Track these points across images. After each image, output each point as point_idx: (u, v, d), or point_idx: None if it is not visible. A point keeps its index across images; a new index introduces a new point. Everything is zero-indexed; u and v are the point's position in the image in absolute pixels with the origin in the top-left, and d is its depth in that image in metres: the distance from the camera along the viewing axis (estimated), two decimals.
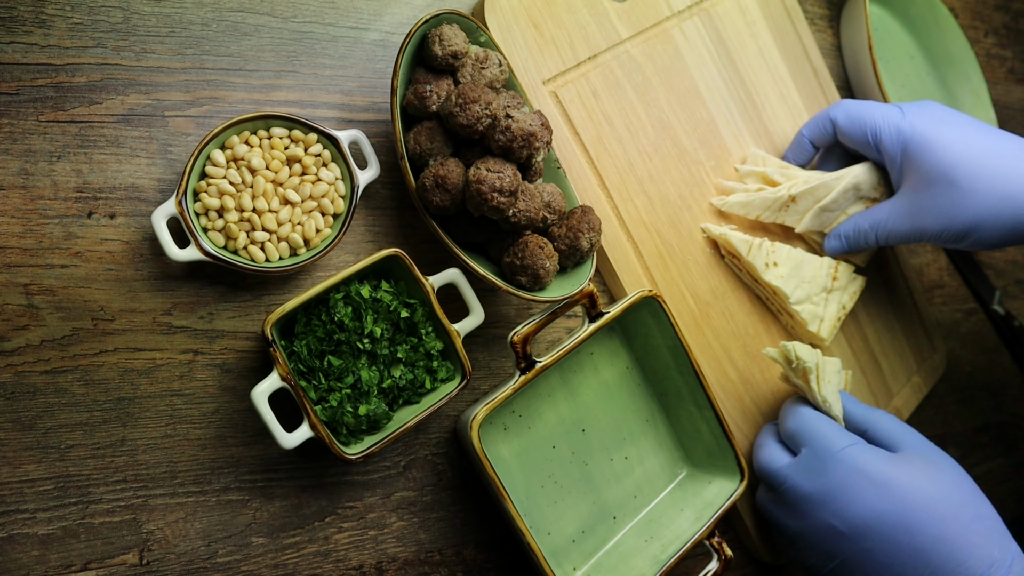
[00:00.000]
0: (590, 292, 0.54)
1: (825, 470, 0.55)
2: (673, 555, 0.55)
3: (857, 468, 0.54)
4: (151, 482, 0.48)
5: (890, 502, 0.52)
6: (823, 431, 0.57)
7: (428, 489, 0.55)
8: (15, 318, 0.46)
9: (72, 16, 0.48)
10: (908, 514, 0.52)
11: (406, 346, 0.51)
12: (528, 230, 0.53)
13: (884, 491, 0.53)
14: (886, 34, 0.85)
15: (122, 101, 0.49)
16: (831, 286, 0.67)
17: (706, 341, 0.64)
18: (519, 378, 0.52)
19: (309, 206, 0.51)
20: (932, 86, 0.87)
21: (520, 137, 0.50)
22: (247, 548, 0.50)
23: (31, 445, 0.46)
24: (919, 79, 0.86)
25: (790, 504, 0.57)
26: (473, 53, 0.53)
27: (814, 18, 0.79)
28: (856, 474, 0.54)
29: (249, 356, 0.51)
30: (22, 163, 0.46)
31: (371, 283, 0.51)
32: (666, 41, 0.66)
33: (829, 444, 0.56)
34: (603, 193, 0.61)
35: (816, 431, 0.57)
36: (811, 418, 0.58)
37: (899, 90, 0.84)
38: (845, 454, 0.55)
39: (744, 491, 0.60)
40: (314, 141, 0.51)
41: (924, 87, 0.86)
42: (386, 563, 0.53)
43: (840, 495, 0.54)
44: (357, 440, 0.50)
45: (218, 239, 0.49)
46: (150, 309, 0.49)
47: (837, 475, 0.54)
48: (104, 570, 0.46)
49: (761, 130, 0.71)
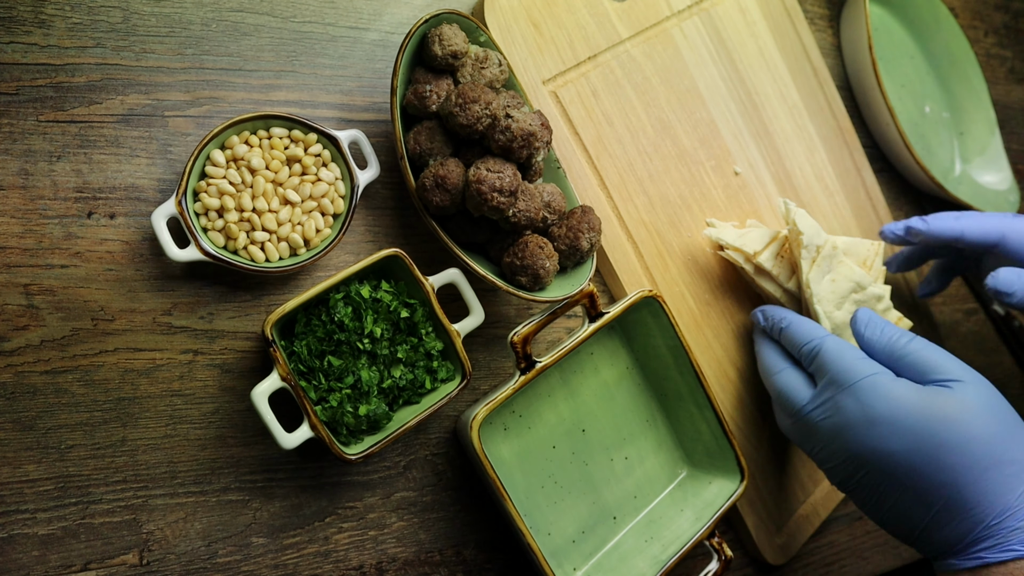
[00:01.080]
0: (590, 292, 0.54)
1: (841, 407, 0.53)
2: (673, 555, 0.55)
3: (870, 404, 0.52)
4: (151, 482, 0.48)
5: (895, 443, 0.51)
6: (843, 361, 0.55)
7: (428, 489, 0.55)
8: (15, 318, 0.46)
9: (72, 16, 0.48)
10: (913, 458, 0.50)
11: (406, 346, 0.51)
12: (528, 230, 0.53)
13: (892, 430, 0.51)
14: (886, 34, 0.85)
15: (122, 101, 0.49)
16: None
17: (706, 341, 0.64)
18: (519, 378, 0.52)
19: (309, 206, 0.51)
20: (932, 86, 0.87)
21: (520, 137, 0.50)
22: (247, 548, 0.50)
23: (31, 445, 0.46)
24: (919, 79, 0.86)
25: (808, 434, 0.56)
26: (473, 53, 0.53)
27: (814, 18, 0.79)
28: (864, 412, 0.52)
29: (249, 356, 0.51)
30: (22, 163, 0.46)
31: (371, 283, 0.51)
32: (666, 41, 0.66)
33: (847, 376, 0.54)
34: (603, 193, 0.61)
35: (836, 361, 0.55)
36: (832, 344, 0.56)
37: (899, 90, 0.84)
38: (861, 387, 0.53)
39: (744, 491, 0.60)
40: (314, 141, 0.51)
41: (924, 87, 0.86)
42: (386, 563, 0.53)
43: (849, 432, 0.53)
44: (357, 440, 0.50)
45: (218, 239, 0.49)
46: (150, 309, 0.49)
47: (851, 411, 0.53)
48: (104, 570, 0.46)
49: (761, 130, 0.71)
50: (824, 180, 0.75)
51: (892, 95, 0.82)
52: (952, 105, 0.88)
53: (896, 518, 0.53)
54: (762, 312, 0.63)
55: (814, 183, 0.74)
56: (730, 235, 0.63)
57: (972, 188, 0.85)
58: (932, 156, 0.84)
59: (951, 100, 0.88)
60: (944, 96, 0.88)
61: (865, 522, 0.74)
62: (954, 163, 0.87)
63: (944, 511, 0.50)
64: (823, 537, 0.71)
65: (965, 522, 0.50)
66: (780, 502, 0.67)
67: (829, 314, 0.62)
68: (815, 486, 0.70)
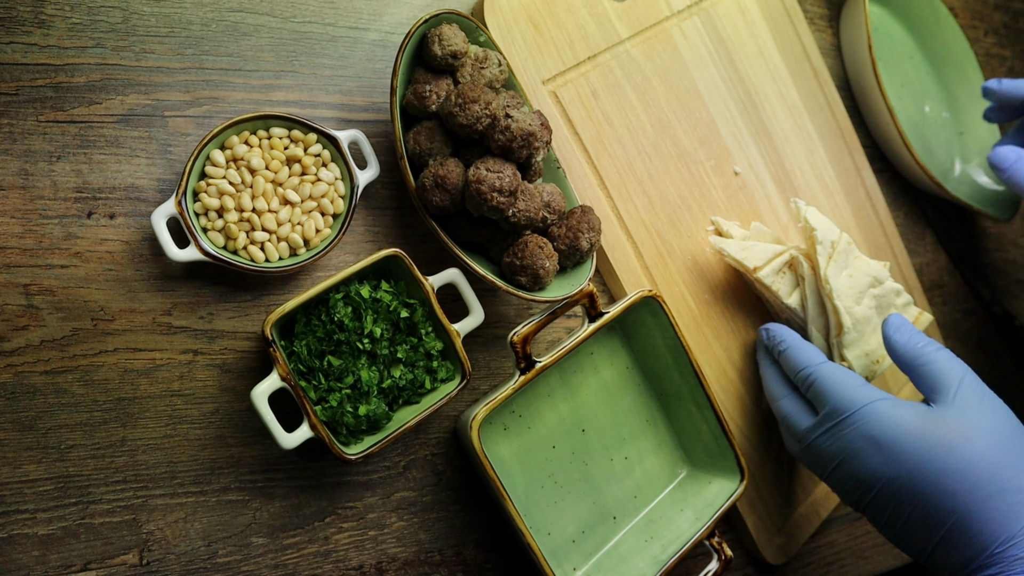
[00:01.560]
0: (590, 292, 0.54)
1: (843, 434, 0.54)
2: (673, 555, 0.55)
3: (873, 431, 0.52)
4: (151, 482, 0.48)
5: (897, 469, 0.51)
6: (842, 388, 0.55)
7: (428, 489, 0.55)
8: (15, 318, 0.46)
9: (71, 16, 0.48)
10: (916, 484, 0.51)
11: (406, 346, 0.51)
12: (528, 230, 0.53)
13: (892, 458, 0.51)
14: (886, 34, 0.85)
15: (122, 101, 0.49)
16: None
17: (706, 341, 0.64)
18: (519, 378, 0.52)
19: (309, 206, 0.51)
20: (932, 86, 0.87)
21: (520, 137, 0.50)
22: (247, 548, 0.50)
23: (31, 445, 0.46)
24: (919, 79, 0.86)
25: (816, 459, 0.56)
26: (473, 53, 0.53)
27: (814, 18, 0.79)
28: (867, 439, 0.53)
29: (249, 356, 0.51)
30: (22, 163, 0.46)
31: (371, 283, 0.51)
32: (666, 41, 0.66)
33: (848, 404, 0.54)
34: (603, 193, 0.61)
35: (835, 388, 0.55)
36: (827, 373, 0.56)
37: (899, 90, 0.84)
38: (863, 414, 0.53)
39: (744, 491, 0.60)
40: (314, 141, 0.51)
41: (924, 87, 0.86)
42: (386, 563, 0.53)
43: (853, 459, 0.53)
44: (357, 440, 0.50)
45: (218, 239, 0.49)
46: (150, 309, 0.49)
47: (851, 439, 0.53)
48: (104, 570, 0.46)
49: (761, 130, 0.71)
50: (824, 180, 0.75)
51: (892, 95, 0.82)
52: (952, 105, 0.88)
53: (906, 539, 0.53)
54: (766, 331, 0.63)
55: (814, 183, 0.74)
56: (733, 247, 0.63)
57: (972, 188, 0.85)
58: (932, 156, 0.84)
59: (951, 100, 0.88)
60: (944, 96, 0.88)
61: (865, 522, 0.74)
62: (954, 163, 0.87)
63: (949, 536, 0.50)
64: (823, 537, 0.71)
65: (970, 548, 0.50)
66: (780, 502, 0.67)
67: (849, 309, 0.62)
68: (815, 486, 0.70)
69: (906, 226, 0.82)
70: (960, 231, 0.87)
